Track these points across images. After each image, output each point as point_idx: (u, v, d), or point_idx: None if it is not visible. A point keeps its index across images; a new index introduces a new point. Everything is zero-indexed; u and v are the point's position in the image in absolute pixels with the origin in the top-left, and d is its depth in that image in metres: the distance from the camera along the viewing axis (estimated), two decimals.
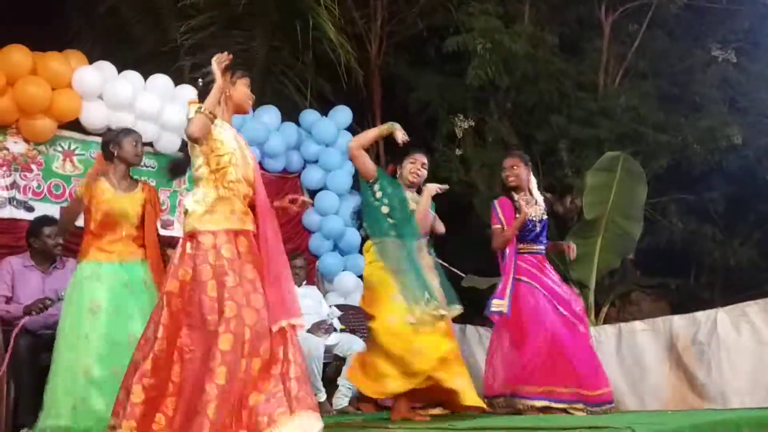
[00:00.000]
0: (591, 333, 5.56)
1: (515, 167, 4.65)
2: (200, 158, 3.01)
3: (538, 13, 7.89)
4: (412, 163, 4.13)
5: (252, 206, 3.10)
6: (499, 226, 4.59)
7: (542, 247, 4.71)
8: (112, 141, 3.89)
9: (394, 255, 3.88)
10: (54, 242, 4.37)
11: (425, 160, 4.18)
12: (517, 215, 4.52)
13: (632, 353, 5.41)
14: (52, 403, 3.51)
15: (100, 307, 3.60)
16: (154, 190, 4.08)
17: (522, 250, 4.63)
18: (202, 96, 3.10)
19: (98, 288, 3.65)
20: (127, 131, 3.99)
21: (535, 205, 4.65)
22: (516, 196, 4.64)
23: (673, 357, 5.24)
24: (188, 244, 2.96)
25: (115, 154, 3.84)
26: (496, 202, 4.68)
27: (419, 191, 4.19)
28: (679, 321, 5.32)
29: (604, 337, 5.56)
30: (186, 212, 3.03)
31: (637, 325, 5.54)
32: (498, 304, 4.46)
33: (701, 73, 7.56)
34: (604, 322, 6.43)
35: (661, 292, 7.42)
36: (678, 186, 7.61)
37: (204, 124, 2.94)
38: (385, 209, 3.96)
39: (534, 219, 4.60)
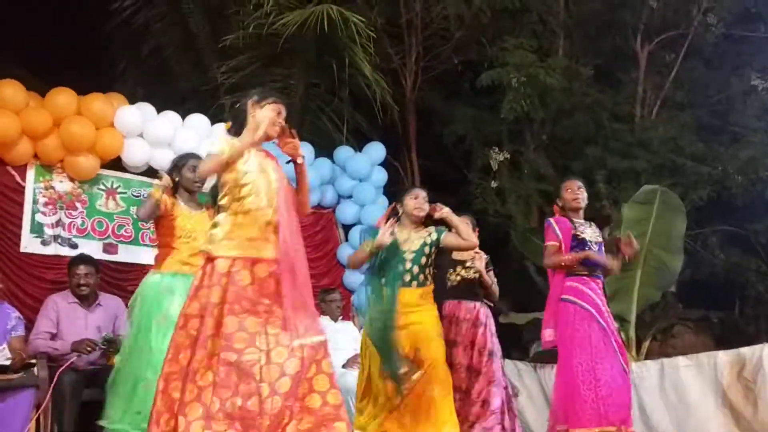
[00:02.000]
0: (632, 368, 5.46)
1: (581, 189, 4.38)
2: (224, 187, 3.03)
3: (573, 46, 7.92)
4: (414, 198, 4.05)
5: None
6: (555, 243, 4.23)
7: (599, 272, 4.31)
8: (173, 169, 4.01)
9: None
10: (76, 282, 4.46)
11: (425, 194, 4.11)
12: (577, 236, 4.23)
13: (676, 390, 5.27)
14: (110, 407, 3.58)
15: (167, 320, 3.63)
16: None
17: (579, 272, 4.24)
18: (235, 120, 3.14)
19: (171, 301, 3.70)
20: (186, 156, 4.05)
21: (590, 227, 4.47)
22: (574, 218, 4.34)
23: (718, 394, 5.09)
24: (207, 267, 2.97)
25: (177, 181, 3.96)
26: (552, 219, 4.35)
27: (428, 222, 4.12)
28: (723, 356, 5.17)
29: (646, 373, 5.43)
30: (208, 234, 3.06)
31: (681, 360, 5.40)
32: (550, 334, 4.23)
33: (741, 103, 7.48)
34: (646, 357, 6.30)
35: (703, 325, 7.26)
36: (719, 217, 7.49)
37: (215, 167, 2.98)
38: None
39: (591, 241, 4.27)
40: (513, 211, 7.76)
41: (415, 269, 3.91)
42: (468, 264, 4.71)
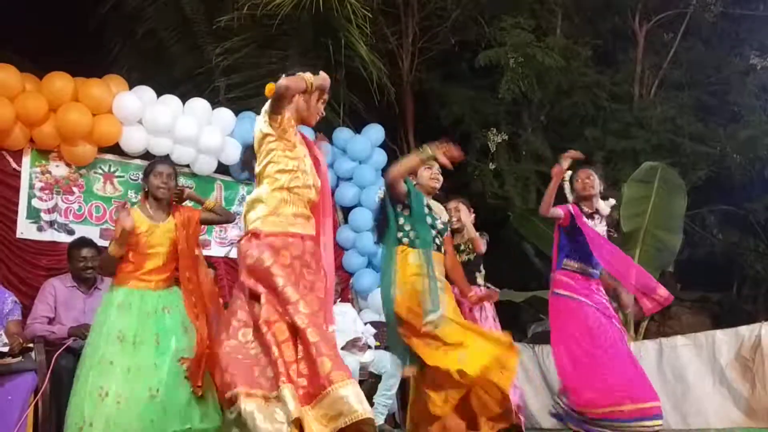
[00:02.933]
0: (631, 348, 5.48)
1: (591, 177, 4.43)
2: (271, 154, 2.97)
3: (571, 26, 7.86)
4: (428, 169, 3.93)
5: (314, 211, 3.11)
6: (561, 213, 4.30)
7: (596, 271, 4.37)
8: (144, 175, 3.91)
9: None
10: (83, 265, 4.45)
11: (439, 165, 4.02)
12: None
13: (674, 369, 5.30)
14: (68, 420, 3.53)
15: (125, 338, 3.62)
16: (188, 209, 4.01)
17: (573, 269, 4.34)
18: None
19: (128, 317, 3.67)
20: (154, 163, 3.95)
21: (600, 224, 4.41)
22: (584, 207, 4.40)
23: (716, 373, 5.12)
24: (253, 242, 2.94)
25: (145, 189, 3.88)
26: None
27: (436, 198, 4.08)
28: (721, 335, 5.20)
29: (644, 353, 5.45)
30: (248, 210, 3.03)
31: (679, 340, 5.43)
32: None
33: (739, 82, 7.44)
34: (644, 337, 6.32)
35: (702, 305, 7.27)
36: (718, 197, 7.48)
37: (298, 87, 2.91)
38: (406, 223, 3.81)
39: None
40: (511, 193, 7.74)
41: (438, 239, 3.87)
42: (459, 241, 4.75)
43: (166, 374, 3.56)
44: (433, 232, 3.82)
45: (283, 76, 2.98)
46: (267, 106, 2.98)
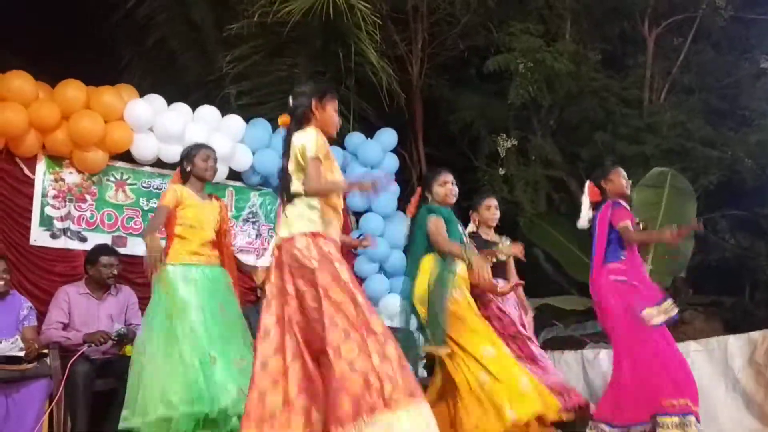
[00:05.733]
0: None
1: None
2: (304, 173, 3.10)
3: (580, 31, 7.86)
4: (442, 185, 4.02)
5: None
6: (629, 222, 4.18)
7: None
8: (185, 158, 4.03)
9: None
10: (109, 272, 4.51)
11: (452, 177, 4.09)
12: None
13: None
14: (154, 397, 3.50)
15: (188, 307, 3.70)
16: (225, 204, 4.25)
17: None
18: (291, 112, 3.20)
19: (192, 289, 3.76)
20: (198, 147, 4.09)
21: None
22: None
23: (729, 378, 5.07)
24: (320, 240, 3.06)
25: (189, 170, 3.97)
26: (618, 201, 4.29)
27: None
28: (734, 341, 5.15)
29: None
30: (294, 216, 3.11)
31: (691, 345, 5.38)
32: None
33: (750, 86, 7.41)
34: None
35: (714, 310, 7.21)
36: (729, 202, 7.44)
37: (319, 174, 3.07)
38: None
39: None
40: (521, 198, 7.73)
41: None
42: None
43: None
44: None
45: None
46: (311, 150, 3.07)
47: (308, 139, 3.05)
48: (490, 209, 4.66)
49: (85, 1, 7.66)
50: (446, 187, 4.00)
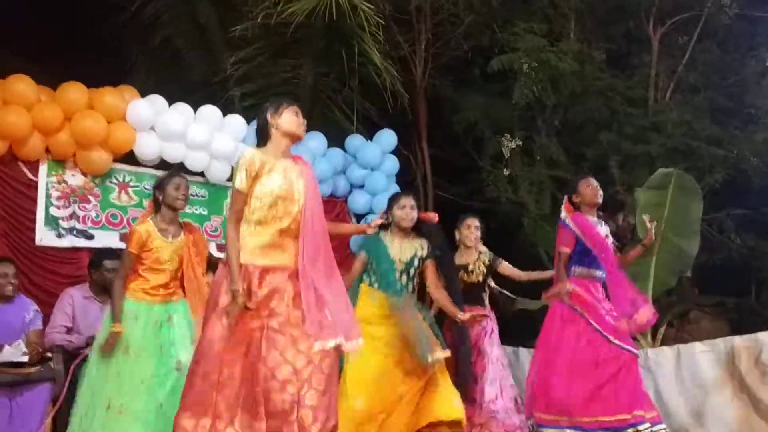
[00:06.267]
0: (648, 355, 5.44)
1: (598, 187, 4.54)
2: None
3: (584, 30, 7.82)
4: (401, 209, 4.06)
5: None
6: (568, 251, 4.46)
7: (601, 273, 4.50)
8: (156, 187, 3.97)
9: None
10: (112, 276, 4.48)
11: (413, 202, 4.12)
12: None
13: (692, 376, 5.23)
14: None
15: (129, 348, 3.70)
16: (198, 231, 4.13)
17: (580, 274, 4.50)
18: (258, 133, 3.28)
19: (135, 329, 3.74)
20: (171, 176, 4.01)
21: (602, 226, 4.56)
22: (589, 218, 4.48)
23: (735, 379, 5.05)
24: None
25: (160, 200, 3.92)
26: (568, 218, 4.45)
27: (416, 230, 4.13)
28: (740, 341, 5.13)
29: (662, 359, 5.39)
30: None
31: (697, 346, 5.35)
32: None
33: (756, 85, 7.37)
34: (662, 343, 6.26)
35: (720, 310, 7.18)
36: (735, 201, 7.39)
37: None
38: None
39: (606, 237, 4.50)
40: (525, 199, 7.70)
41: (404, 279, 4.00)
42: (467, 261, 4.87)
43: (171, 387, 3.60)
44: (392, 277, 3.96)
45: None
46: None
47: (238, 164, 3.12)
48: (470, 228, 4.87)
49: (85, 1, 7.65)
50: (404, 210, 4.05)
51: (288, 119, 3.22)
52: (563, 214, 4.51)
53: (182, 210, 3.99)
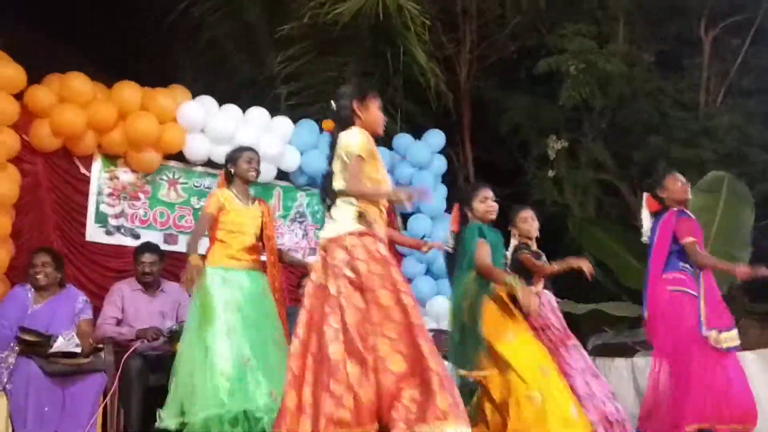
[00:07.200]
0: None
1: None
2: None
3: (634, 31, 7.70)
4: (483, 201, 3.89)
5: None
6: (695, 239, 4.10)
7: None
8: (229, 161, 4.10)
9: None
10: (141, 269, 4.59)
11: (492, 193, 3.96)
12: None
13: None
14: (197, 397, 3.55)
15: (228, 307, 3.75)
16: (269, 208, 4.26)
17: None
18: (334, 116, 3.22)
19: (230, 291, 3.80)
20: (241, 149, 4.14)
21: None
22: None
23: None
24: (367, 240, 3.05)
25: (233, 173, 4.03)
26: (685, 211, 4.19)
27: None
28: None
29: None
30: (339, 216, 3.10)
31: (747, 355, 5.23)
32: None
33: None
34: None
35: None
36: None
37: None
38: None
39: None
40: (570, 201, 7.61)
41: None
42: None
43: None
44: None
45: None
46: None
47: (352, 138, 3.04)
48: (527, 221, 4.52)
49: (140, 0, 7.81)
50: (486, 203, 3.89)
51: (376, 113, 3.17)
52: (648, 211, 4.31)
53: (254, 181, 4.13)
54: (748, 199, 6.00)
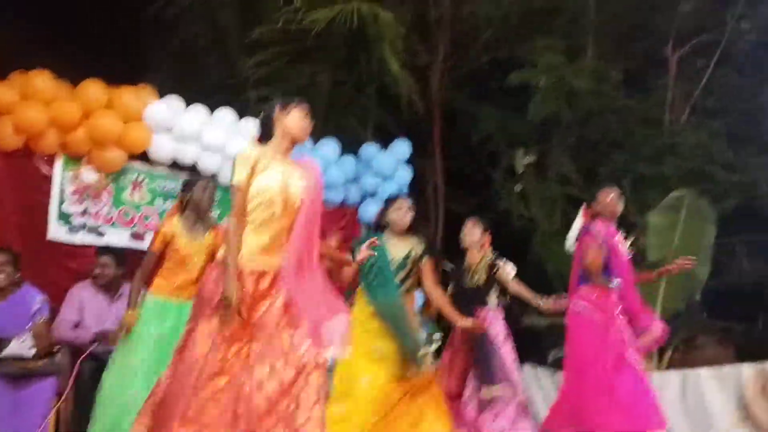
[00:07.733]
0: (654, 378, 5.39)
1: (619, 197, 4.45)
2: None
3: (603, 48, 7.81)
4: (398, 209, 4.09)
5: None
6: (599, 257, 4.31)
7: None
8: (184, 187, 4.09)
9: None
10: (98, 272, 4.56)
11: (409, 204, 4.14)
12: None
13: (697, 402, 5.19)
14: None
15: (153, 339, 3.77)
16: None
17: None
18: (263, 128, 3.16)
19: (159, 323, 3.80)
20: (199, 178, 4.18)
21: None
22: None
23: (741, 407, 5.02)
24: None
25: (187, 200, 4.02)
26: (597, 225, 4.35)
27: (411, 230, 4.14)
28: (747, 369, 5.10)
29: (667, 383, 5.36)
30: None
31: (703, 372, 5.33)
32: None
33: None
34: (668, 367, 6.22)
35: (726, 336, 7.12)
36: (747, 227, 7.34)
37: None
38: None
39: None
40: (536, 214, 7.67)
41: (400, 276, 4.00)
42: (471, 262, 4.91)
43: None
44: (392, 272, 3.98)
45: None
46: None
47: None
48: (467, 227, 4.94)
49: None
50: (400, 211, 4.09)
51: (293, 119, 3.10)
52: (581, 221, 4.45)
53: (208, 212, 4.09)
54: (708, 216, 6.10)
